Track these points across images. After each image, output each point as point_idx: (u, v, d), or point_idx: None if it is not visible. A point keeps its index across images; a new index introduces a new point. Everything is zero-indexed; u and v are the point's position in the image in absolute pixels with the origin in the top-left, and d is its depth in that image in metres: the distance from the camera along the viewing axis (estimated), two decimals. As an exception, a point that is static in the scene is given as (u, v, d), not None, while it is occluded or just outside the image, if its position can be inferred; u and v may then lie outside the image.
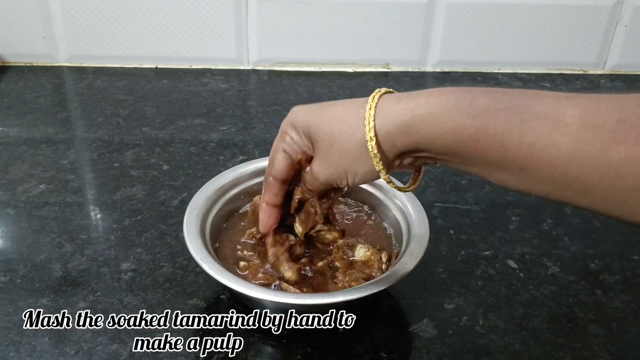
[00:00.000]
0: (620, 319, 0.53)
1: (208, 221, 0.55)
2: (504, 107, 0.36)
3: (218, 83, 0.96)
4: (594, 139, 0.33)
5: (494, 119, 0.36)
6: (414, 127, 0.39)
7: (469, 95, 0.38)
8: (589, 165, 0.33)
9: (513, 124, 0.36)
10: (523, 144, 0.35)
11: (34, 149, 0.77)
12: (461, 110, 0.37)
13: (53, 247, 0.60)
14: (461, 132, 0.37)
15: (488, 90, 0.38)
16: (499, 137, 0.36)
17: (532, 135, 0.35)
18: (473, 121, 0.37)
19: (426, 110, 0.39)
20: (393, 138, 0.40)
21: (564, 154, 0.34)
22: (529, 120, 0.35)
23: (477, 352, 0.49)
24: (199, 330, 0.50)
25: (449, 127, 0.38)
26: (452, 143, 0.38)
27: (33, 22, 0.96)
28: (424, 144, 0.39)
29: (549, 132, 0.35)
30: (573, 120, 0.34)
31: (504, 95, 0.37)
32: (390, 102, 0.41)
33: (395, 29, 0.98)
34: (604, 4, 0.97)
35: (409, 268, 0.49)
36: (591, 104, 0.34)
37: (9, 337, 0.49)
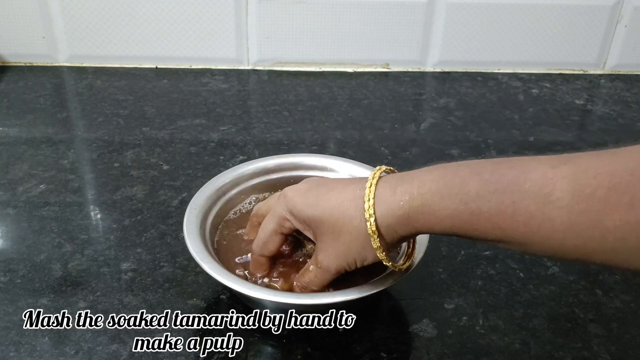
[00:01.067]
0: (620, 319, 0.53)
1: (208, 221, 0.55)
2: (493, 189, 0.37)
3: (218, 83, 0.96)
4: (588, 211, 0.33)
5: (486, 203, 0.37)
6: (412, 218, 0.40)
7: (458, 179, 0.38)
8: (586, 235, 0.34)
9: (505, 205, 0.36)
10: (519, 224, 0.36)
11: (34, 149, 0.77)
12: (452, 198, 0.38)
13: (53, 247, 0.60)
14: (456, 218, 0.39)
15: (476, 170, 0.38)
16: (493, 219, 0.37)
17: (525, 213, 0.36)
18: (466, 207, 0.38)
19: (421, 201, 0.40)
20: (395, 228, 0.42)
21: (560, 228, 0.35)
22: (520, 200, 0.36)
23: (477, 352, 0.49)
24: (199, 330, 0.50)
25: (444, 215, 0.39)
26: (450, 228, 0.39)
27: (33, 22, 0.96)
28: (423, 230, 0.41)
29: (541, 208, 0.35)
30: (563, 194, 0.34)
31: (492, 175, 0.37)
32: (387, 192, 0.41)
33: (395, 29, 0.98)
34: (604, 4, 0.97)
35: (409, 268, 0.49)
36: (580, 172, 0.34)
37: (9, 337, 0.49)
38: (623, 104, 0.94)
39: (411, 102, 0.93)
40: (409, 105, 0.92)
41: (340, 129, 0.84)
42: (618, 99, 0.96)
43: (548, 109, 0.91)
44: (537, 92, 0.97)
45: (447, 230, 0.40)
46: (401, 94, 0.95)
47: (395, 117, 0.87)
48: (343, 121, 0.86)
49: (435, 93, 0.96)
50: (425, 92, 0.96)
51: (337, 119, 0.86)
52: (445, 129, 0.85)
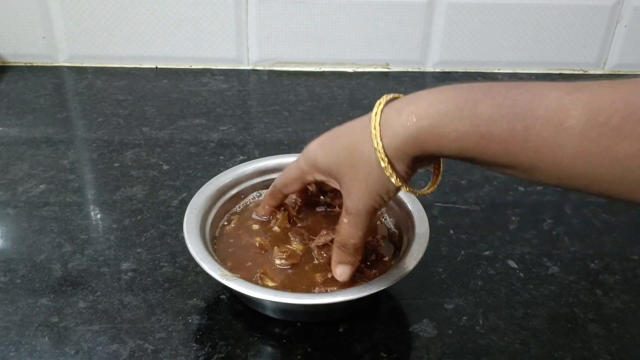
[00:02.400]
0: (620, 319, 0.53)
1: (208, 221, 0.55)
2: (505, 112, 0.36)
3: (218, 83, 0.96)
4: (600, 138, 0.33)
5: (497, 126, 0.36)
6: (420, 138, 0.39)
7: (470, 102, 0.37)
8: (595, 162, 0.33)
9: (517, 130, 0.36)
10: (528, 149, 0.35)
11: (34, 149, 0.77)
12: (463, 120, 0.37)
13: (53, 247, 0.60)
14: (466, 141, 0.37)
15: (489, 93, 0.37)
16: (503, 144, 0.36)
17: (536, 139, 0.35)
18: (477, 130, 0.37)
19: (428, 121, 0.39)
20: (404, 149, 0.40)
21: (570, 154, 0.34)
22: (532, 126, 0.35)
23: (477, 352, 0.49)
24: (199, 330, 0.50)
25: (454, 137, 0.38)
26: (458, 150, 0.38)
27: (33, 22, 0.96)
28: (433, 151, 0.40)
29: (553, 134, 0.34)
30: (577, 121, 0.34)
31: (505, 100, 0.36)
32: (393, 116, 0.41)
33: (395, 29, 0.98)
34: (604, 4, 0.97)
35: (409, 268, 0.49)
36: (594, 99, 0.34)
37: (9, 337, 0.49)
38: (623, 104, 0.94)
39: (411, 102, 0.93)
40: (409, 105, 0.92)
41: (340, 129, 0.83)
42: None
43: (548, 109, 0.91)
44: (537, 92, 0.97)
45: (456, 153, 0.39)
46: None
47: (395, 117, 0.87)
48: (343, 121, 0.85)
49: (435, 93, 0.96)
50: (425, 92, 0.96)
51: (337, 119, 0.86)
52: (445, 129, 0.85)
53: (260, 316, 0.52)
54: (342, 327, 0.51)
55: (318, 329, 0.51)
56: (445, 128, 0.38)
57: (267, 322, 0.51)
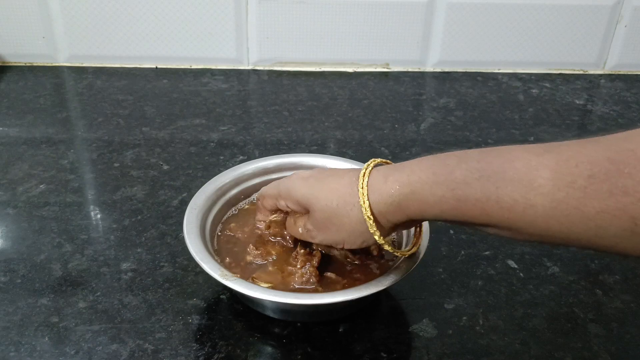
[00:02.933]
0: (620, 319, 0.53)
1: (208, 221, 0.55)
2: (478, 176, 0.38)
3: (218, 83, 0.96)
4: (568, 198, 0.35)
5: (472, 189, 0.39)
6: (403, 204, 0.42)
7: (446, 168, 0.40)
8: (568, 221, 0.35)
9: (490, 192, 0.38)
10: (502, 209, 0.38)
11: (34, 149, 0.77)
12: (440, 185, 0.40)
13: (53, 247, 0.60)
14: (444, 204, 0.40)
15: (464, 159, 0.40)
16: (479, 205, 0.38)
17: (508, 200, 0.37)
18: (453, 194, 0.39)
19: (410, 188, 0.41)
20: (387, 216, 0.43)
21: (543, 214, 0.36)
22: (504, 187, 0.37)
23: (477, 352, 0.49)
24: (199, 330, 0.50)
25: (433, 201, 0.40)
26: (439, 213, 0.41)
27: (33, 22, 0.96)
28: (416, 216, 0.42)
29: (524, 195, 0.36)
30: (545, 182, 0.36)
31: (478, 163, 0.39)
32: (380, 181, 0.43)
33: (395, 29, 0.98)
34: (604, 4, 0.97)
35: (409, 268, 0.49)
36: (562, 160, 0.35)
37: (9, 337, 0.49)
38: (623, 104, 0.94)
39: (411, 102, 0.93)
40: (409, 105, 0.92)
41: (340, 129, 0.84)
42: (618, 99, 0.96)
43: (548, 109, 0.91)
44: (537, 92, 0.97)
45: (437, 216, 0.41)
46: (401, 94, 0.95)
47: (395, 117, 0.87)
48: (343, 121, 0.86)
49: (435, 93, 0.96)
50: (425, 92, 0.96)
51: (337, 119, 0.86)
52: (445, 129, 0.85)
53: (260, 316, 0.52)
54: (342, 327, 0.51)
55: (318, 329, 0.51)
56: (424, 193, 0.41)
57: (267, 322, 0.51)
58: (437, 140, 0.82)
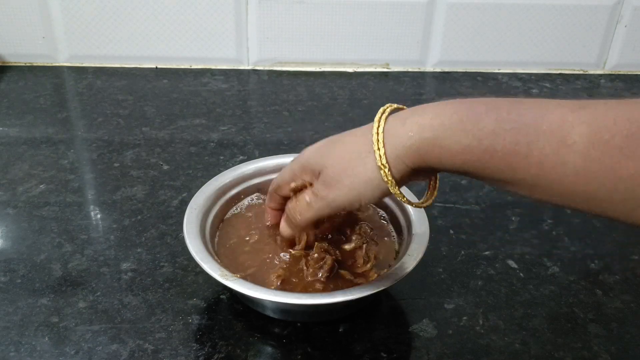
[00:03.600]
0: (620, 319, 0.53)
1: (208, 221, 0.55)
2: (509, 127, 0.36)
3: (218, 83, 0.96)
4: (603, 156, 0.33)
5: (500, 140, 0.36)
6: (422, 149, 0.39)
7: (474, 115, 0.38)
8: (598, 181, 0.33)
9: (520, 145, 0.36)
10: (531, 165, 0.35)
11: (34, 149, 0.77)
12: (466, 133, 0.37)
13: (53, 247, 0.60)
14: (469, 154, 0.37)
15: (493, 107, 0.37)
16: (506, 158, 0.36)
17: (539, 155, 0.35)
18: (479, 144, 0.37)
19: (432, 133, 0.39)
20: (404, 159, 0.40)
21: (573, 172, 0.34)
22: (536, 141, 0.35)
23: (477, 352, 0.49)
24: (199, 330, 0.50)
25: (456, 150, 0.38)
26: (461, 163, 0.38)
27: (33, 22, 0.96)
28: (434, 163, 0.40)
29: (556, 151, 0.34)
30: (580, 138, 0.34)
31: (509, 114, 0.37)
32: (397, 124, 0.41)
33: (395, 29, 0.98)
34: (604, 4, 0.97)
35: (409, 268, 0.49)
36: (599, 117, 0.34)
37: (9, 337, 0.49)
38: (623, 104, 0.94)
39: (411, 102, 0.92)
40: (409, 105, 0.91)
41: (340, 129, 0.83)
42: (618, 99, 0.96)
43: (548, 109, 0.91)
44: (537, 92, 0.97)
45: (458, 167, 0.39)
46: (401, 94, 0.95)
47: (395, 117, 0.87)
48: (343, 121, 0.86)
49: (435, 93, 0.96)
50: (425, 92, 0.96)
51: (337, 119, 0.86)
52: (445, 129, 0.85)
53: (260, 316, 0.52)
54: (342, 327, 0.51)
55: (318, 329, 0.51)
56: (448, 141, 0.38)
57: (267, 322, 0.51)
58: (437, 140, 0.82)
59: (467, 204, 0.68)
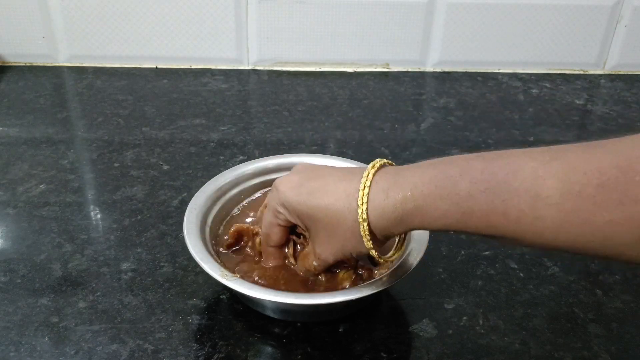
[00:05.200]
0: (620, 319, 0.53)
1: (208, 221, 0.55)
2: (484, 188, 0.37)
3: (218, 83, 0.96)
4: (577, 209, 0.34)
5: (477, 202, 0.37)
6: (406, 219, 0.41)
7: (449, 181, 0.39)
8: (576, 232, 0.34)
9: (496, 204, 0.37)
10: (510, 222, 0.36)
11: (34, 149, 0.77)
12: (444, 200, 0.39)
13: (53, 247, 0.60)
14: (449, 218, 0.39)
15: (467, 169, 0.39)
16: (485, 218, 0.37)
17: (515, 212, 0.36)
18: (457, 208, 0.38)
19: (413, 204, 0.40)
20: (389, 229, 0.43)
21: (550, 226, 0.35)
22: (510, 199, 0.36)
23: (477, 352, 0.49)
24: (199, 330, 0.50)
25: (437, 215, 0.40)
26: (443, 226, 0.40)
27: (33, 22, 0.96)
28: (419, 228, 0.42)
29: (531, 207, 0.35)
30: (553, 192, 0.35)
31: (482, 174, 0.38)
32: (380, 197, 0.42)
33: (395, 29, 0.98)
34: (604, 4, 0.97)
35: (409, 268, 0.49)
36: (569, 169, 0.35)
37: (9, 337, 0.49)
38: (623, 104, 0.94)
39: (411, 102, 0.93)
40: (409, 105, 0.92)
41: (340, 129, 0.84)
42: (618, 99, 0.96)
43: (548, 109, 0.91)
44: (537, 92, 0.97)
45: (440, 228, 0.41)
46: (401, 94, 0.95)
47: (395, 117, 0.87)
48: (343, 121, 0.86)
49: (435, 93, 0.96)
50: (425, 92, 0.96)
51: (337, 119, 0.86)
52: (445, 129, 0.85)
53: (260, 316, 0.52)
54: (342, 327, 0.51)
55: (318, 329, 0.51)
56: (428, 208, 0.40)
57: (267, 322, 0.51)
58: (437, 140, 0.82)
59: (467, 204, 0.68)
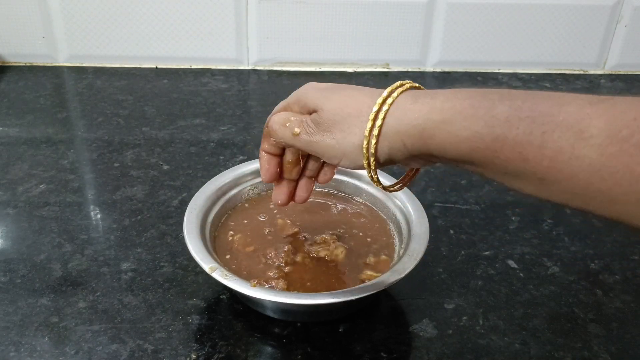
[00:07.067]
0: (620, 319, 0.53)
1: (208, 221, 0.55)
2: (524, 116, 0.34)
3: (218, 83, 0.96)
4: (620, 153, 0.31)
5: (514, 129, 0.34)
6: (427, 132, 0.37)
7: (487, 102, 0.36)
8: (613, 179, 0.32)
9: (534, 135, 0.34)
10: (544, 157, 0.34)
11: (34, 149, 0.77)
12: (478, 119, 0.35)
13: (53, 247, 0.60)
14: (477, 142, 0.36)
15: (507, 96, 0.36)
16: (518, 148, 0.34)
17: (554, 147, 0.33)
18: (490, 131, 0.35)
19: (441, 116, 0.37)
20: (404, 138, 0.38)
21: (588, 168, 0.32)
22: (551, 131, 0.33)
23: (477, 352, 0.49)
24: (199, 330, 0.50)
25: (465, 136, 0.36)
26: (467, 152, 0.36)
27: (33, 22, 0.96)
28: (437, 150, 0.38)
29: (572, 144, 0.33)
30: (598, 132, 0.32)
31: (524, 103, 0.35)
32: (408, 101, 0.38)
33: (395, 29, 0.98)
34: (604, 4, 0.97)
35: (409, 268, 0.49)
36: (617, 112, 0.32)
37: (9, 337, 0.49)
38: (623, 104, 0.94)
39: (411, 102, 0.93)
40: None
41: (340, 129, 0.83)
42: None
43: (548, 109, 0.91)
44: (537, 92, 0.97)
45: (462, 155, 0.37)
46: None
47: (395, 117, 0.87)
48: (343, 121, 0.86)
49: (435, 93, 0.96)
50: (425, 92, 0.96)
51: (337, 119, 0.86)
52: (445, 129, 0.85)
53: (260, 316, 0.52)
54: (342, 327, 0.51)
55: (318, 329, 0.51)
56: (457, 125, 0.36)
57: (267, 322, 0.51)
58: (437, 140, 0.82)
59: (467, 204, 0.68)
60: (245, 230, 0.56)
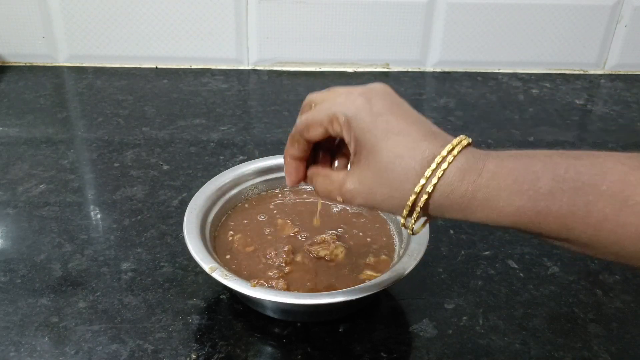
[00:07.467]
0: (620, 319, 0.53)
1: (208, 221, 0.55)
2: (567, 187, 0.34)
3: (218, 83, 0.96)
4: None
5: (557, 201, 0.34)
6: (470, 208, 0.37)
7: (530, 175, 0.35)
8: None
9: (577, 206, 0.34)
10: (588, 226, 0.34)
11: (34, 149, 0.77)
12: (521, 194, 0.35)
13: (53, 247, 0.60)
14: (522, 216, 0.36)
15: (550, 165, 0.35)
16: (562, 220, 0.34)
17: (598, 216, 0.33)
18: (534, 205, 0.35)
19: (486, 195, 0.36)
20: (447, 210, 0.38)
21: (633, 234, 0.33)
22: (595, 202, 0.33)
23: (477, 352, 0.49)
24: (199, 330, 0.50)
25: (508, 212, 0.36)
26: (509, 224, 0.36)
27: (33, 22, 0.96)
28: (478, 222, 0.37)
29: (617, 212, 0.33)
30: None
31: (567, 172, 0.34)
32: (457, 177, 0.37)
33: (395, 29, 0.98)
34: (604, 4, 0.97)
35: (409, 268, 0.49)
36: None
37: (9, 337, 0.49)
38: (623, 104, 0.94)
39: (411, 102, 0.92)
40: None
41: (340, 129, 0.83)
42: (618, 99, 0.96)
43: (548, 109, 0.91)
44: (537, 92, 0.97)
45: (508, 225, 0.37)
46: (401, 94, 0.94)
47: (395, 117, 0.87)
48: (343, 121, 0.86)
49: (435, 93, 0.96)
50: (425, 92, 0.96)
51: (337, 119, 0.86)
52: (445, 129, 0.84)
53: (260, 316, 0.52)
54: (342, 327, 0.51)
55: (318, 329, 0.51)
56: (502, 202, 0.36)
57: (267, 322, 0.51)
58: (437, 140, 0.82)
59: (467, 204, 0.68)
60: (245, 230, 0.56)
